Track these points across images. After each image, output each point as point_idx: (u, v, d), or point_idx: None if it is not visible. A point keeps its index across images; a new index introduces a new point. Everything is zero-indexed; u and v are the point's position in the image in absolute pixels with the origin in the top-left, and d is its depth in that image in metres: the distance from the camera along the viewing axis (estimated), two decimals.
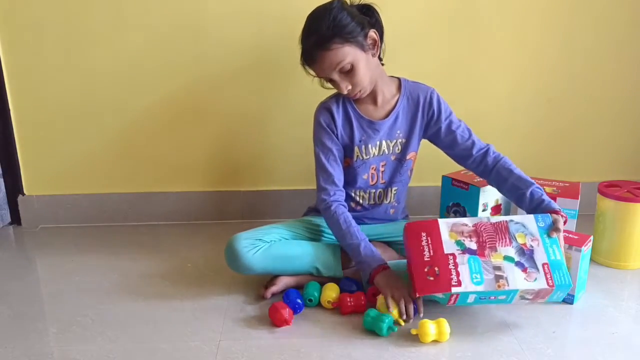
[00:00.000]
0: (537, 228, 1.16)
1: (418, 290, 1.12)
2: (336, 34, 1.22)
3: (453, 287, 1.09)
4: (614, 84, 1.76)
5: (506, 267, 1.11)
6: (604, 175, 1.73)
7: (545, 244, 1.14)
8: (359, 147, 1.37)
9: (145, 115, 1.70)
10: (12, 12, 1.59)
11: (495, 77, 1.73)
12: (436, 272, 1.11)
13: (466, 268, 1.11)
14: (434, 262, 1.12)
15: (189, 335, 1.19)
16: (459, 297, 1.11)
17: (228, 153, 1.76)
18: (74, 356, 1.12)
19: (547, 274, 1.10)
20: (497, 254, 1.13)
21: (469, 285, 1.09)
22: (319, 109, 1.38)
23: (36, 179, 1.76)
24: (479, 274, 1.10)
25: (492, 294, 1.10)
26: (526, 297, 1.13)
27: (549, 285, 1.09)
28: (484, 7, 1.65)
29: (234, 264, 1.31)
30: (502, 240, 1.15)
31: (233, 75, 1.68)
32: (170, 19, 1.61)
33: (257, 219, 1.72)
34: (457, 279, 1.10)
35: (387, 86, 1.37)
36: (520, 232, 1.16)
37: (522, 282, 1.09)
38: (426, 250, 1.15)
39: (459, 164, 1.41)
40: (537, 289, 1.09)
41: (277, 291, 1.32)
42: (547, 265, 1.11)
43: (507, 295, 1.11)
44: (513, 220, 1.17)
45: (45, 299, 1.37)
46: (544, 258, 1.12)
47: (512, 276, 1.10)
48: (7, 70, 1.64)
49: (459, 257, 1.12)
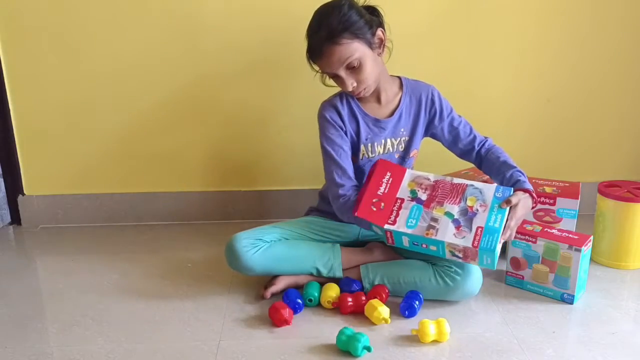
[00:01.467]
0: (493, 197, 1.21)
1: (358, 212, 1.22)
2: (346, 29, 1.22)
3: (387, 224, 1.19)
4: (614, 84, 1.76)
5: (442, 221, 1.19)
6: (604, 175, 1.73)
7: (491, 211, 1.19)
8: (365, 145, 1.37)
9: (145, 115, 1.70)
10: (12, 13, 1.59)
11: (495, 77, 1.73)
12: (381, 207, 1.22)
13: (406, 213, 1.21)
14: (383, 199, 1.23)
15: (189, 335, 1.19)
16: (393, 236, 1.20)
17: (228, 153, 1.76)
18: (74, 356, 1.12)
19: (477, 236, 1.16)
20: (441, 209, 1.21)
21: (402, 227, 1.19)
22: (324, 106, 1.37)
23: (36, 179, 1.76)
24: (416, 219, 1.19)
25: (423, 240, 1.18)
26: (456, 254, 1.18)
27: (473, 246, 1.14)
28: (483, 7, 1.65)
29: (234, 264, 1.31)
30: (452, 199, 1.22)
31: (233, 75, 1.68)
32: (170, 18, 1.61)
33: (257, 219, 1.72)
34: (394, 219, 1.20)
35: (390, 85, 1.38)
36: (474, 196, 1.22)
37: (450, 236, 1.16)
38: (383, 187, 1.25)
39: (463, 158, 1.43)
40: (462, 246, 1.15)
41: (277, 291, 1.32)
42: (482, 229, 1.17)
43: (436, 246, 1.18)
44: (473, 185, 1.24)
45: (45, 299, 1.37)
46: (482, 222, 1.18)
47: (444, 230, 1.17)
48: (7, 71, 1.64)
49: (405, 203, 1.23)
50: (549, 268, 1.31)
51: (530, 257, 1.33)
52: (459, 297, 1.28)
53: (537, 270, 1.33)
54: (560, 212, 1.44)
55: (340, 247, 1.37)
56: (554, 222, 1.45)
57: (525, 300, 1.31)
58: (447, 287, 1.26)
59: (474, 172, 1.53)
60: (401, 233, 1.18)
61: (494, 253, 1.14)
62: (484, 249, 1.14)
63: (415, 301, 1.23)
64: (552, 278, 1.31)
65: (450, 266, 1.27)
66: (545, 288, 1.32)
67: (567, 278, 1.29)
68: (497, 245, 1.14)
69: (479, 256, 1.16)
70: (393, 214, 1.21)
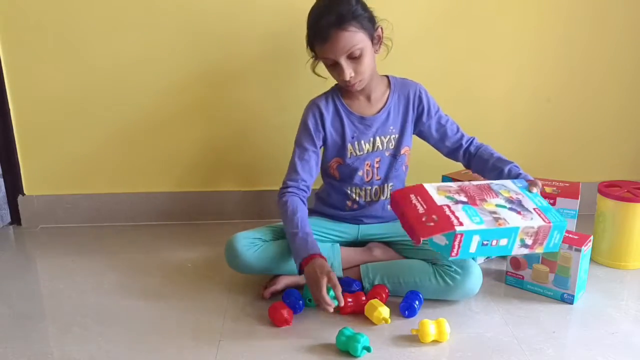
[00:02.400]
0: (516, 187, 1.19)
1: (421, 234, 1.04)
2: (355, 18, 1.24)
3: (456, 226, 1.04)
4: (614, 83, 1.76)
5: (501, 212, 1.10)
6: (604, 175, 1.73)
7: (528, 196, 1.16)
8: (352, 143, 1.38)
9: (145, 115, 1.70)
10: (12, 13, 1.59)
11: (495, 77, 1.73)
12: (434, 219, 1.07)
13: (463, 213, 1.08)
14: (430, 212, 1.08)
15: (189, 335, 1.19)
16: (463, 239, 1.05)
17: (228, 153, 1.76)
18: (74, 356, 1.12)
19: (541, 214, 1.11)
20: (489, 203, 1.12)
21: (471, 225, 1.05)
22: (308, 106, 1.40)
23: (36, 179, 1.76)
24: (477, 216, 1.08)
25: (495, 234, 1.07)
26: (526, 243, 1.11)
27: (545, 222, 1.09)
28: (483, 7, 1.65)
29: (234, 263, 1.31)
30: (488, 195, 1.15)
31: (234, 75, 1.68)
32: (169, 19, 1.61)
33: (257, 219, 1.72)
34: (457, 221, 1.06)
35: (379, 83, 1.39)
36: (503, 189, 1.18)
37: (520, 221, 1.08)
38: (419, 206, 1.10)
39: (449, 157, 1.45)
40: (536, 227, 1.08)
41: (276, 291, 1.32)
42: (537, 209, 1.12)
43: (508, 237, 1.08)
44: (493, 182, 1.20)
45: (45, 299, 1.37)
46: (532, 205, 1.13)
47: (510, 217, 1.09)
48: (7, 70, 1.64)
49: (453, 207, 1.09)
50: (549, 268, 1.31)
51: (530, 257, 1.33)
52: (459, 296, 1.28)
53: (537, 270, 1.33)
54: (560, 212, 1.44)
55: (339, 246, 1.37)
56: None
57: (525, 300, 1.31)
58: (447, 286, 1.26)
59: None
60: (473, 232, 1.05)
61: (564, 226, 1.10)
62: (556, 224, 1.09)
63: (415, 301, 1.23)
64: (552, 278, 1.31)
65: (450, 266, 1.27)
66: (545, 288, 1.32)
67: (567, 278, 1.29)
68: (563, 216, 1.12)
69: (549, 235, 1.10)
70: (452, 217, 1.06)
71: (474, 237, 1.06)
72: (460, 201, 1.11)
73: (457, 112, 1.61)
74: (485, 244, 1.08)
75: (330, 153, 1.40)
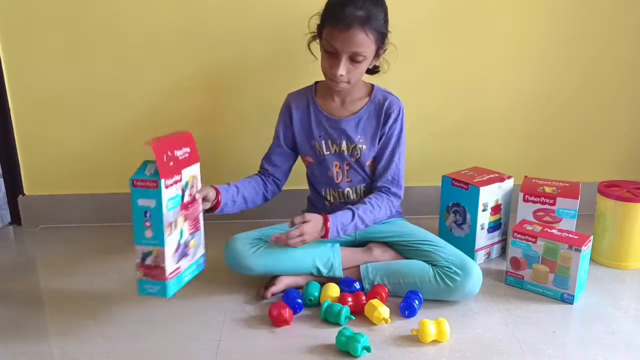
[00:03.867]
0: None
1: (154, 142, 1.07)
2: (377, 29, 1.26)
3: (163, 179, 1.05)
4: (614, 84, 1.75)
5: (176, 232, 1.09)
6: (604, 175, 1.73)
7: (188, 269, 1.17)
8: (319, 142, 1.41)
9: (145, 115, 1.70)
10: (12, 13, 1.59)
11: (495, 77, 1.73)
12: (170, 164, 1.09)
13: (171, 193, 1.08)
14: (175, 160, 1.10)
15: (189, 335, 1.19)
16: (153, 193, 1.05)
17: (228, 153, 1.76)
18: (74, 356, 1.12)
19: (173, 272, 1.09)
20: (183, 222, 1.12)
21: (165, 199, 1.05)
22: (286, 99, 1.45)
23: (36, 179, 1.76)
24: (174, 207, 1.08)
25: (158, 222, 1.05)
26: (147, 253, 1.07)
27: (161, 266, 1.07)
28: (484, 7, 1.65)
29: (234, 264, 1.31)
30: (193, 224, 1.17)
31: (234, 75, 1.68)
32: (169, 18, 1.61)
33: (257, 219, 1.72)
34: (167, 184, 1.06)
35: (358, 89, 1.40)
36: (195, 239, 1.19)
37: (170, 246, 1.07)
38: (180, 152, 1.14)
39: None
40: (154, 254, 1.06)
41: (277, 291, 1.32)
42: (180, 270, 1.12)
43: (152, 232, 1.06)
44: (201, 232, 1.22)
45: (45, 299, 1.37)
46: (185, 266, 1.15)
47: (171, 237, 1.08)
48: (7, 70, 1.64)
49: (176, 185, 1.10)
50: (549, 268, 1.31)
51: (530, 257, 1.33)
52: (460, 297, 1.28)
53: (537, 270, 1.33)
54: (560, 212, 1.44)
55: (339, 246, 1.37)
56: (554, 222, 1.45)
57: (525, 300, 1.31)
58: (448, 287, 1.26)
59: (474, 172, 1.53)
60: (161, 200, 1.03)
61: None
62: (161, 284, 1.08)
63: (415, 301, 1.23)
64: (552, 278, 1.31)
65: (450, 267, 1.27)
66: (545, 288, 1.32)
67: (567, 278, 1.29)
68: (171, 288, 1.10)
69: (154, 281, 1.08)
70: (170, 181, 1.06)
71: (150, 202, 1.04)
72: (183, 194, 1.12)
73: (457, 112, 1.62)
74: (147, 216, 1.05)
75: (302, 148, 1.44)
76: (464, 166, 1.58)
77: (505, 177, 1.50)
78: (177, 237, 1.11)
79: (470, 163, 1.61)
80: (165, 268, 1.07)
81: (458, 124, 1.74)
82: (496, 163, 1.62)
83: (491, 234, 1.51)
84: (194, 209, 1.18)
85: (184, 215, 1.13)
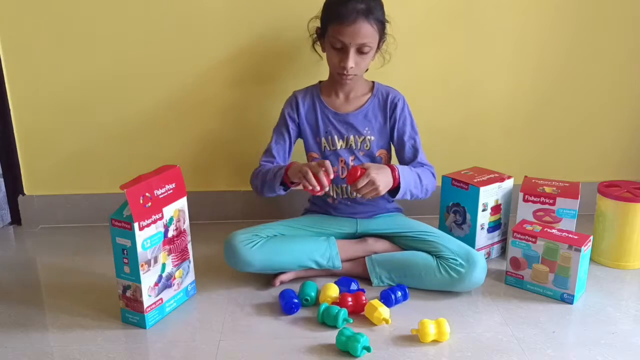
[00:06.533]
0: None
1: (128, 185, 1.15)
2: (379, 19, 1.32)
3: (138, 222, 1.15)
4: (614, 84, 1.75)
5: (155, 268, 1.21)
6: (604, 175, 1.73)
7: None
8: (326, 138, 1.43)
9: (145, 115, 1.70)
10: (12, 13, 1.59)
11: (495, 77, 1.72)
12: (147, 205, 1.18)
13: (150, 232, 1.19)
14: (154, 200, 1.19)
15: (189, 335, 1.19)
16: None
17: (228, 153, 1.76)
18: (74, 356, 1.12)
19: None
20: (166, 256, 1.24)
21: (140, 238, 1.16)
22: (289, 98, 1.48)
23: (36, 179, 1.76)
24: (151, 245, 1.19)
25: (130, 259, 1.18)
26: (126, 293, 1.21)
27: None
28: (484, 7, 1.65)
29: (233, 260, 1.33)
30: (179, 256, 1.28)
31: (234, 75, 1.68)
32: (170, 19, 1.61)
33: (257, 219, 1.72)
34: (146, 224, 1.17)
35: (362, 85, 1.44)
36: (182, 269, 1.30)
37: (146, 283, 1.19)
38: (163, 190, 1.23)
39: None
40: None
41: (286, 279, 1.35)
42: (150, 309, 1.22)
43: (129, 268, 1.18)
44: (190, 260, 1.33)
45: (45, 299, 1.37)
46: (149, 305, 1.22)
47: (148, 275, 1.19)
48: (7, 70, 1.64)
49: (157, 224, 1.20)
50: (549, 268, 1.31)
51: (530, 257, 1.33)
52: (466, 288, 1.30)
53: (537, 270, 1.33)
54: (560, 212, 1.44)
55: (334, 238, 1.40)
56: (554, 222, 1.45)
57: (525, 300, 1.31)
58: (453, 279, 1.28)
59: (474, 172, 1.53)
60: (135, 241, 1.14)
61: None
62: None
63: (397, 292, 1.26)
64: (552, 278, 1.31)
65: (455, 259, 1.28)
66: (545, 288, 1.33)
67: (567, 278, 1.29)
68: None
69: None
70: (147, 221, 1.16)
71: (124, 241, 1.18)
72: (167, 230, 1.23)
73: (457, 112, 1.61)
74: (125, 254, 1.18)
75: (307, 144, 1.46)
76: (464, 166, 1.58)
77: (505, 177, 1.50)
78: (157, 272, 1.20)
79: (470, 163, 1.61)
80: (143, 302, 1.18)
81: (458, 124, 1.74)
82: (496, 163, 1.62)
83: (491, 234, 1.51)
84: (180, 241, 1.27)
85: (168, 249, 1.22)
